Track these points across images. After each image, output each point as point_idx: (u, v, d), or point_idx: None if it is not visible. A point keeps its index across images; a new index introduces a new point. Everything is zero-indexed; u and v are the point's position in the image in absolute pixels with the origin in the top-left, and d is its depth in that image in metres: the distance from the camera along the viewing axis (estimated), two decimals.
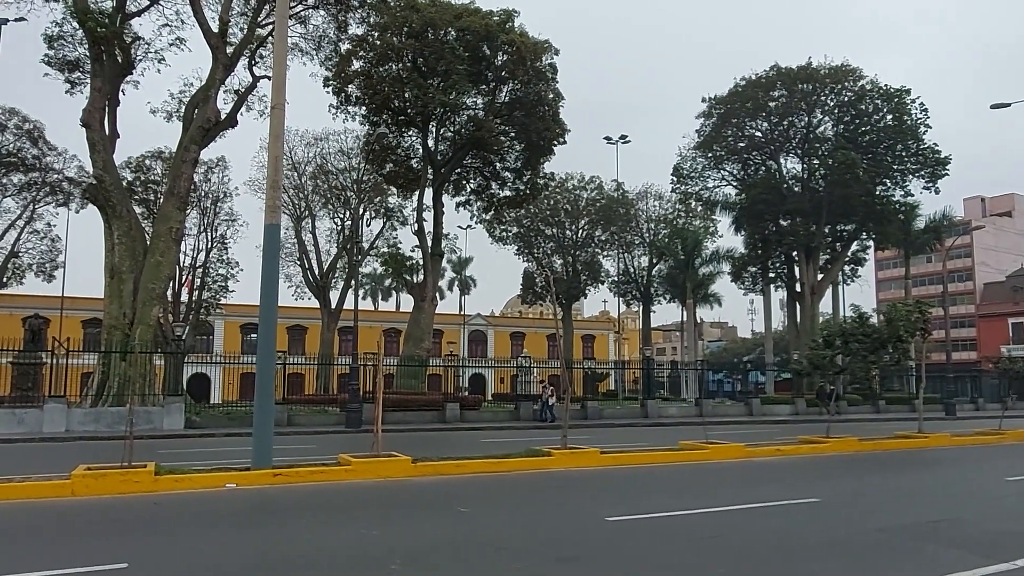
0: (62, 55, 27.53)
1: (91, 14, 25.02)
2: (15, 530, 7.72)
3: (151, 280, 25.32)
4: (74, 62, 27.70)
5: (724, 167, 49.45)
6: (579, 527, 7.80)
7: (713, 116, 47.34)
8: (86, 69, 27.22)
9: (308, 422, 25.80)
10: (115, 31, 25.62)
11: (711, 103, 47.45)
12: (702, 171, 49.61)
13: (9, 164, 38.23)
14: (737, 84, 46.22)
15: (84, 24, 24.87)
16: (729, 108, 46.29)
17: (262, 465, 11.20)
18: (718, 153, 48.51)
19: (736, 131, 47.39)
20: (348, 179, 46.05)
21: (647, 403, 32.51)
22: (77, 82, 28.00)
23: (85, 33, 25.58)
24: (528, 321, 75.52)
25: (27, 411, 21.73)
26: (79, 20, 25.07)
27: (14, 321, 35.86)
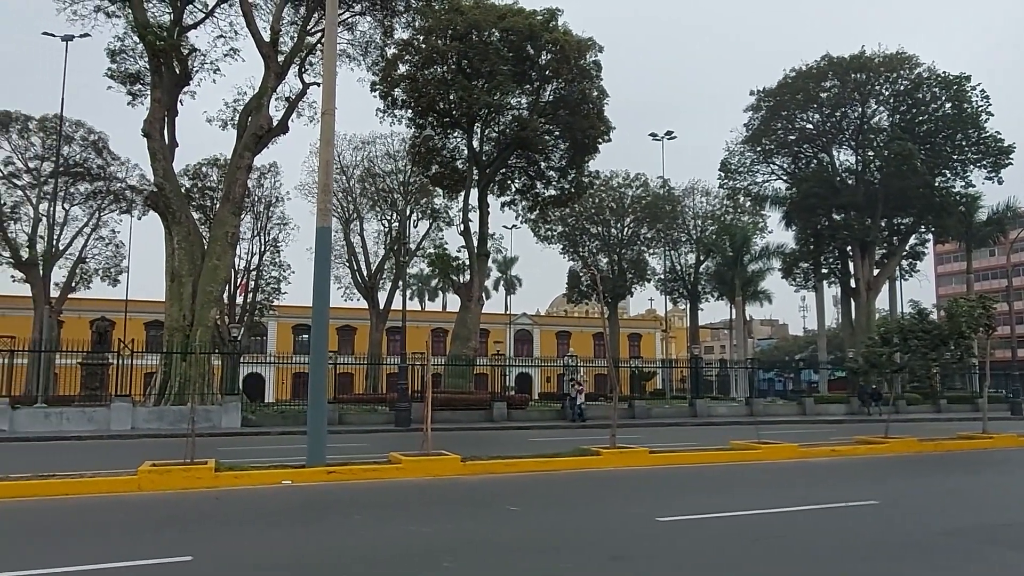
0: (124, 68, 28.72)
1: (150, 28, 26.02)
2: (87, 523, 8.10)
3: (209, 283, 26.17)
4: (135, 75, 28.85)
5: (774, 161, 48.40)
6: (630, 527, 7.77)
7: (762, 109, 46.38)
8: (146, 81, 28.32)
9: (358, 421, 26.27)
10: (173, 44, 26.57)
11: (760, 96, 46.50)
12: (751, 165, 48.67)
13: (76, 174, 40.07)
14: (787, 76, 45.17)
15: (144, 38, 25.88)
16: (778, 100, 45.29)
17: (316, 463, 11.48)
18: (767, 147, 47.49)
19: (786, 124, 46.33)
20: (395, 181, 46.71)
21: (696, 402, 32.09)
22: (138, 94, 29.15)
23: (145, 46, 26.61)
24: (574, 320, 75.25)
25: (96, 409, 22.72)
26: (139, 34, 26.10)
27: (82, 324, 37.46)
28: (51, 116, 38.98)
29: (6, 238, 38.70)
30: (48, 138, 39.25)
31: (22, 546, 6.94)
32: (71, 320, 43.66)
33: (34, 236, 39.48)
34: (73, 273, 41.98)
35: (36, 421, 21.99)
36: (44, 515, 8.41)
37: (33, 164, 39.98)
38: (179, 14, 28.24)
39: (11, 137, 39.28)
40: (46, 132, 39.31)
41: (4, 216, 38.93)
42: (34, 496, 9.43)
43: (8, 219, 39.18)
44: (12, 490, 9.49)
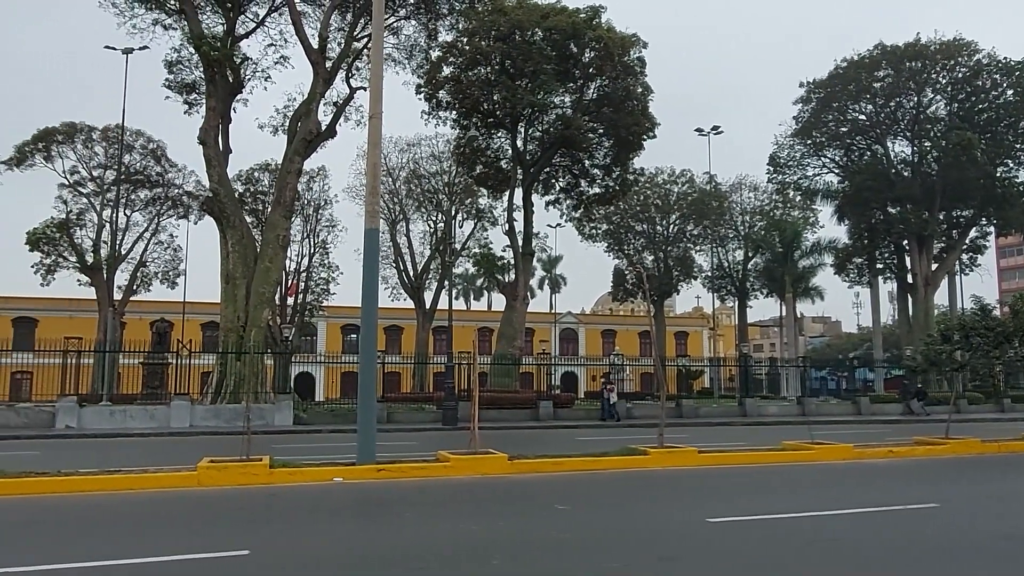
0: (180, 79, 29.79)
1: (205, 39, 26.90)
2: (150, 517, 8.43)
3: (261, 285, 26.90)
4: (191, 84, 29.87)
5: (825, 154, 47.15)
6: (679, 527, 7.72)
7: (812, 101, 45.23)
8: (201, 90, 29.30)
9: (406, 419, 26.63)
10: (226, 53, 27.41)
11: (809, 87, 45.36)
12: (800, 159, 47.51)
13: (137, 181, 41.71)
14: (838, 66, 43.96)
15: (199, 48, 26.78)
16: (829, 92, 44.10)
17: (366, 460, 11.69)
18: (818, 139, 46.30)
19: (838, 115, 45.09)
20: (440, 182, 47.17)
21: (745, 401, 31.53)
22: (194, 103, 30.18)
23: (200, 57, 27.53)
24: (619, 319, 74.70)
25: (156, 407, 23.61)
26: (195, 45, 27.02)
27: (143, 325, 39.02)
28: (113, 126, 40.62)
29: (73, 244, 40.47)
30: (111, 147, 40.91)
31: (91, 538, 7.28)
32: (133, 321, 45.41)
33: (98, 241, 41.20)
34: (135, 276, 43.63)
35: (101, 418, 22.95)
36: (111, 509, 8.80)
37: (97, 172, 41.76)
38: (232, 25, 29.10)
39: (76, 147, 41.08)
40: (109, 142, 40.98)
41: (71, 223, 40.73)
42: (102, 491, 9.86)
43: (74, 225, 40.97)
44: (82, 484, 9.95)
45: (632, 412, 29.49)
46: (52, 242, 39.88)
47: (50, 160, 40.80)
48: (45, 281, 40.58)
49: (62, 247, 40.21)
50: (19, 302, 52.20)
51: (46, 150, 40.43)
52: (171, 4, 28.95)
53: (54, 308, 50.59)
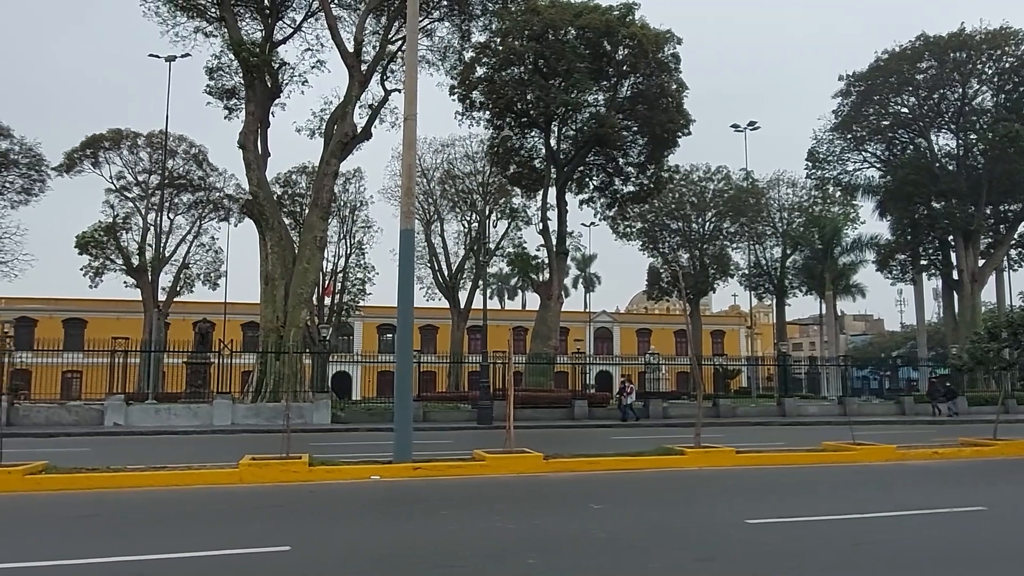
0: (221, 84, 30.54)
1: (244, 45, 27.53)
2: (194, 512, 8.66)
3: (299, 286, 27.39)
4: (231, 90, 30.59)
5: (865, 148, 46.10)
6: (717, 528, 7.65)
7: (852, 94, 44.26)
8: (241, 95, 29.98)
9: (442, 418, 26.82)
10: (265, 59, 28.00)
11: (849, 80, 44.40)
12: (840, 154, 46.54)
13: (180, 186, 42.91)
14: (879, 58, 42.94)
15: (239, 55, 27.40)
16: (870, 84, 43.10)
17: (403, 459, 11.83)
18: (858, 133, 45.28)
19: (879, 108, 44.05)
20: (474, 182, 47.39)
21: (784, 401, 31.03)
22: (233, 108, 30.89)
23: (239, 63, 28.17)
24: (654, 317, 74.08)
25: (199, 406, 24.21)
26: (234, 51, 27.65)
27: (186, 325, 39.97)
28: (157, 132, 41.80)
29: (119, 247, 41.76)
30: (154, 153, 42.13)
31: (139, 533, 7.52)
32: (176, 322, 46.58)
33: (143, 244, 42.46)
34: (178, 278, 44.83)
35: (147, 416, 23.62)
36: (158, 504, 9.06)
37: (142, 177, 43.11)
38: (270, 31, 29.71)
39: (123, 153, 42.42)
40: (153, 147, 42.19)
41: (117, 226, 42.03)
42: (149, 486, 10.17)
43: (121, 229, 42.31)
44: (130, 480, 10.28)
45: (668, 412, 29.25)
46: (100, 245, 41.24)
47: (98, 166, 42.22)
48: (93, 283, 42.02)
49: (109, 250, 41.55)
50: (69, 303, 54.02)
51: (94, 156, 41.80)
52: (212, 12, 29.66)
53: (102, 309, 52.21)
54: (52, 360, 30.87)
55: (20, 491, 9.64)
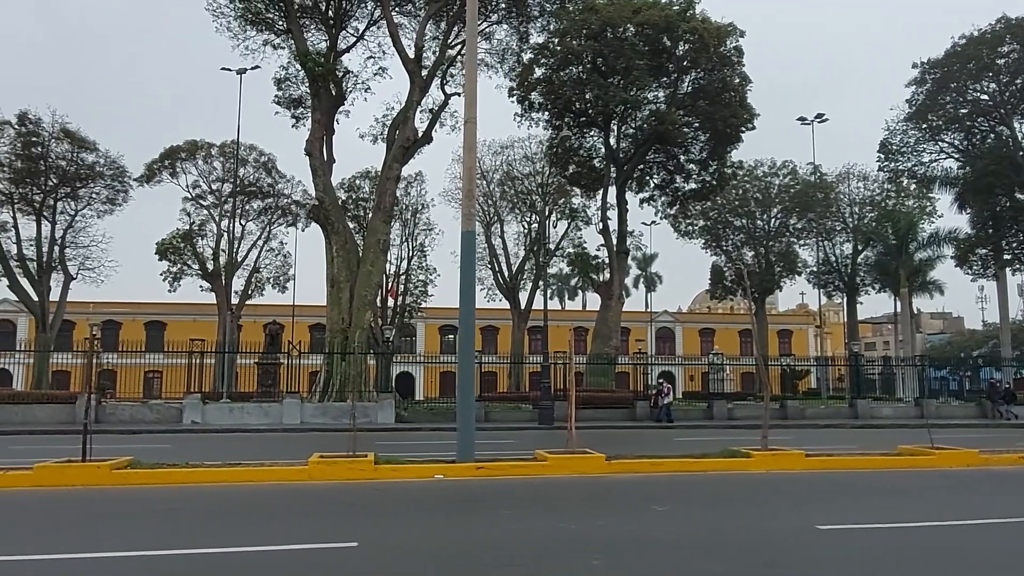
0: (288, 94, 31.64)
1: (310, 56, 28.42)
2: (267, 508, 8.99)
3: (364, 288, 28.05)
4: (298, 99, 31.63)
5: (942, 138, 43.88)
6: (786, 533, 7.46)
7: (927, 82, 42.23)
8: (307, 104, 30.96)
9: (503, 418, 26.99)
10: (329, 68, 28.84)
11: (924, 68, 42.38)
12: (915, 145, 44.43)
13: (250, 193, 44.66)
14: (955, 43, 40.84)
15: (305, 65, 28.32)
16: (947, 71, 41.03)
17: (466, 458, 11.97)
18: (934, 123, 43.17)
19: (956, 96, 41.88)
20: (533, 183, 47.50)
21: (856, 402, 29.94)
22: (300, 116, 31.94)
23: (305, 73, 29.12)
24: (718, 317, 72.58)
25: (270, 405, 25.10)
26: (301, 62, 28.59)
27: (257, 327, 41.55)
28: (229, 142, 43.55)
29: (195, 252, 43.74)
30: (227, 162, 43.93)
31: (216, 526, 7.87)
32: (248, 324, 48.39)
33: (217, 250, 44.30)
34: (249, 282, 46.61)
35: (222, 415, 24.63)
36: (233, 499, 9.45)
37: (215, 186, 45.01)
38: (334, 41, 30.57)
39: (198, 163, 44.42)
40: (225, 157, 44.01)
41: (193, 233, 44.02)
42: (224, 482, 10.61)
43: (196, 236, 44.31)
44: (207, 476, 10.76)
45: (733, 413, 28.65)
46: (178, 252, 43.27)
47: (175, 176, 44.31)
48: (172, 288, 44.14)
49: (186, 256, 43.54)
50: (150, 307, 56.83)
51: (171, 167, 43.89)
52: (279, 25, 30.71)
53: (180, 312, 54.73)
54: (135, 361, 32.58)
55: (108, 485, 10.21)
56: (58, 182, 39.43)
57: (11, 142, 38.17)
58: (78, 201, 40.64)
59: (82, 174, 39.85)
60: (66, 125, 38.87)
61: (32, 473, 10.29)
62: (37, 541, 6.96)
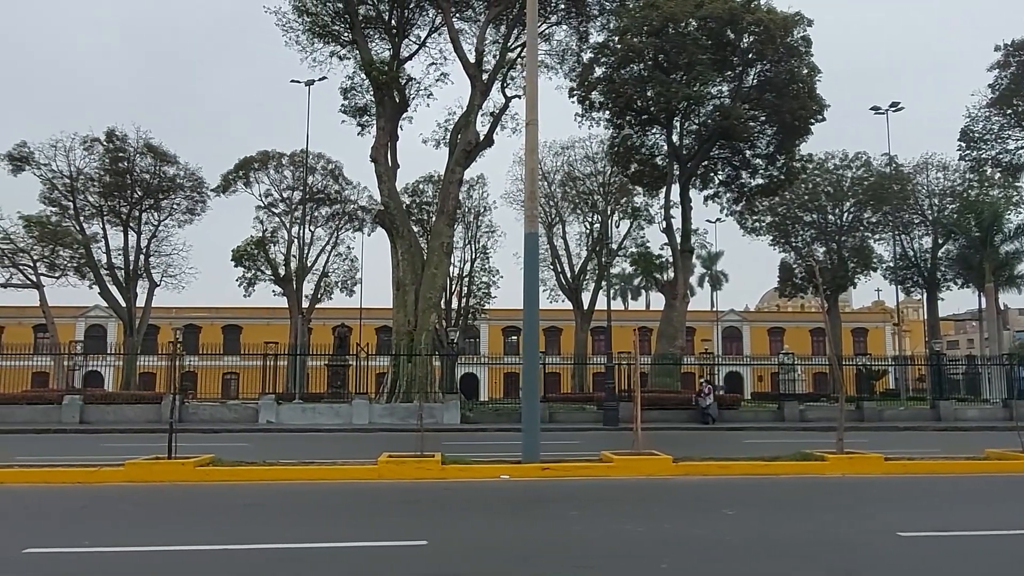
0: (354, 103, 32.54)
1: (374, 65, 29.13)
2: (339, 505, 9.28)
3: (428, 290, 28.51)
4: (363, 108, 32.46)
5: None
6: (864, 539, 7.20)
7: (1011, 66, 39.93)
8: (371, 112, 31.74)
9: (567, 419, 26.95)
10: (393, 76, 29.49)
11: (1008, 50, 40.09)
12: (999, 131, 42.07)
13: (319, 200, 46.10)
14: None
15: (369, 74, 29.07)
16: None
17: (531, 459, 12.03)
18: (1020, 108, 40.78)
19: None
20: (595, 183, 47.28)
21: (938, 404, 28.56)
22: (365, 124, 32.76)
23: (370, 81, 29.89)
24: (787, 315, 70.45)
25: (340, 405, 25.83)
26: (365, 71, 29.35)
27: (326, 330, 42.80)
28: (298, 151, 45.09)
29: (268, 258, 45.45)
30: (297, 170, 45.50)
31: (293, 522, 8.16)
32: (317, 327, 49.87)
33: (288, 256, 45.95)
34: (318, 286, 48.08)
35: (295, 415, 25.48)
36: (307, 496, 9.78)
37: (286, 194, 46.72)
38: (397, 49, 31.25)
39: (269, 172, 46.17)
40: (295, 165, 45.57)
41: (266, 240, 45.76)
42: (299, 480, 11.00)
43: (269, 242, 46.03)
44: (283, 474, 11.17)
45: (805, 414, 27.80)
46: (252, 258, 45.06)
47: (249, 185, 46.17)
48: (247, 292, 46.00)
49: (260, 262, 45.28)
50: (227, 311, 59.25)
51: (245, 177, 45.74)
52: (344, 36, 31.59)
53: (254, 316, 56.88)
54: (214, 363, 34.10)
55: (192, 481, 10.73)
56: (143, 194, 41.68)
57: (100, 158, 40.55)
58: (160, 212, 42.87)
59: (164, 186, 42.04)
60: (149, 140, 41.10)
61: (123, 470, 10.91)
62: (128, 534, 7.39)
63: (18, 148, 39.21)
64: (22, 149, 39.24)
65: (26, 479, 10.72)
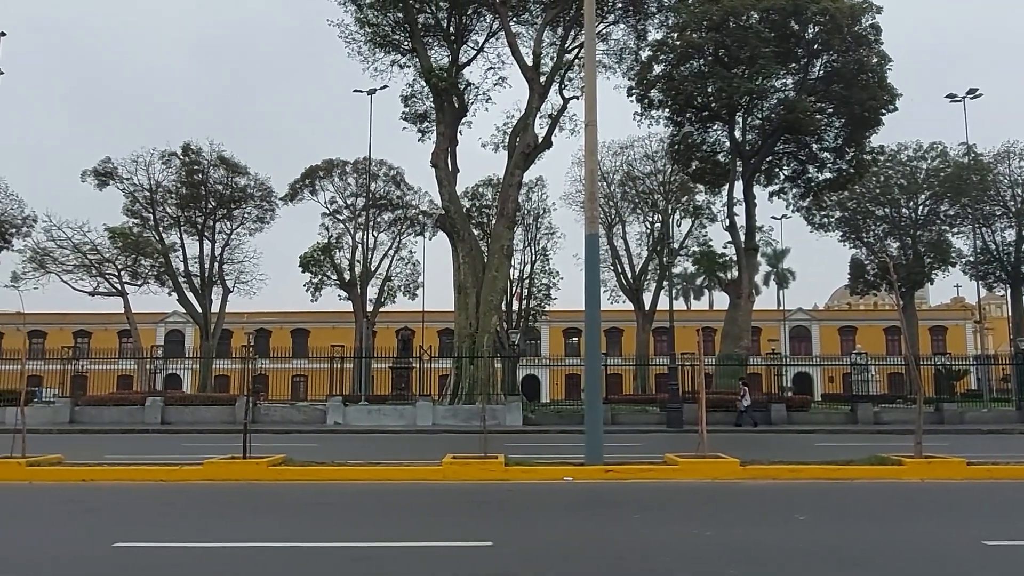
0: (414, 110, 33.15)
1: (433, 71, 29.64)
2: (406, 505, 9.45)
3: (489, 293, 28.76)
4: (423, 114, 33.05)
5: None
6: (946, 548, 6.88)
7: None
8: (431, 118, 32.29)
9: (630, 421, 26.71)
10: (452, 81, 29.92)
11: None
12: None
13: (382, 206, 47.17)
14: None
15: (429, 80, 29.58)
16: None
17: (594, 461, 11.97)
18: None
19: None
20: (655, 182, 46.73)
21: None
22: (425, 130, 33.35)
23: (430, 88, 30.42)
24: (859, 314, 67.92)
25: (404, 407, 26.33)
26: (425, 78, 29.88)
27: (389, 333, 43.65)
28: (361, 159, 46.22)
29: (333, 264, 46.76)
30: (360, 178, 46.64)
31: (362, 521, 8.39)
32: (381, 330, 50.89)
33: (353, 261, 47.12)
34: (382, 290, 49.15)
35: (361, 416, 26.10)
36: (375, 496, 10.02)
37: (350, 201, 47.94)
38: (455, 55, 31.69)
39: (334, 180, 47.50)
40: (358, 173, 46.74)
41: (331, 246, 47.06)
42: (367, 480, 11.26)
43: (334, 248, 47.33)
44: (351, 474, 11.46)
45: (880, 417, 26.76)
46: (318, 263, 46.44)
47: (315, 193, 47.66)
48: (314, 297, 47.44)
49: (326, 267, 46.63)
50: (295, 316, 61.15)
51: (311, 185, 47.18)
52: (404, 45, 32.24)
53: (321, 320, 58.47)
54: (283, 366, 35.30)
55: (265, 480, 11.14)
56: (216, 204, 43.52)
57: (177, 171, 42.57)
58: (233, 221, 44.69)
59: (236, 196, 43.82)
60: (222, 152, 42.89)
61: (202, 468, 11.42)
62: (209, 530, 7.74)
63: (103, 164, 41.58)
64: (106, 165, 41.60)
65: (115, 476, 11.34)
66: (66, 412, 26.52)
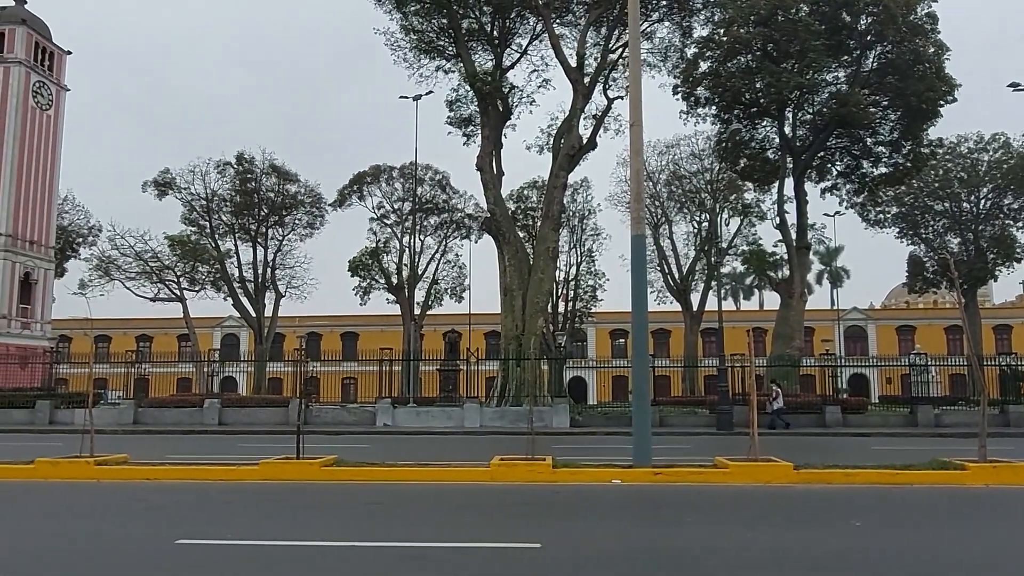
0: (459, 114, 33.45)
1: (477, 76, 29.86)
2: (455, 506, 9.55)
3: (535, 295, 28.80)
4: (467, 118, 33.31)
5: None
6: (1016, 558, 6.63)
7: None
8: (476, 122, 32.51)
9: (679, 423, 26.38)
10: (496, 85, 30.10)
11: None
12: None
13: (428, 210, 47.78)
14: None
15: (473, 85, 29.80)
16: None
17: (642, 463, 11.88)
18: None
19: None
20: (702, 180, 46.11)
21: None
22: (470, 134, 33.60)
23: (474, 92, 30.64)
24: (918, 312, 65.57)
25: (452, 409, 26.56)
26: (469, 82, 30.11)
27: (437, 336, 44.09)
28: (408, 164, 46.89)
29: (381, 268, 47.52)
30: (406, 182, 47.34)
31: (413, 521, 8.50)
32: (429, 333, 51.44)
33: (400, 264, 47.78)
34: (429, 293, 49.72)
35: (410, 418, 26.42)
36: (424, 497, 10.14)
37: (396, 205, 48.71)
38: (499, 59, 31.88)
39: (381, 186, 48.32)
40: (405, 178, 47.43)
41: (379, 250, 47.85)
42: (416, 480, 11.42)
43: (382, 252, 48.12)
44: (401, 475, 11.64)
45: (940, 419, 25.81)
46: (366, 268, 47.27)
47: (362, 199, 48.56)
48: (363, 301, 48.30)
49: (374, 271, 47.44)
50: (345, 319, 62.29)
51: (359, 191, 48.09)
52: (449, 51, 32.60)
53: (370, 323, 59.44)
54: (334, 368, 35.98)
55: (318, 480, 11.40)
56: (268, 211, 44.77)
57: (231, 180, 43.91)
58: (284, 227, 45.90)
59: (287, 203, 45.02)
60: (273, 161, 44.07)
61: (258, 468, 11.76)
62: (265, 528, 7.96)
63: (162, 175, 43.21)
64: (165, 176, 43.23)
65: (176, 475, 11.77)
66: (130, 413, 27.59)
